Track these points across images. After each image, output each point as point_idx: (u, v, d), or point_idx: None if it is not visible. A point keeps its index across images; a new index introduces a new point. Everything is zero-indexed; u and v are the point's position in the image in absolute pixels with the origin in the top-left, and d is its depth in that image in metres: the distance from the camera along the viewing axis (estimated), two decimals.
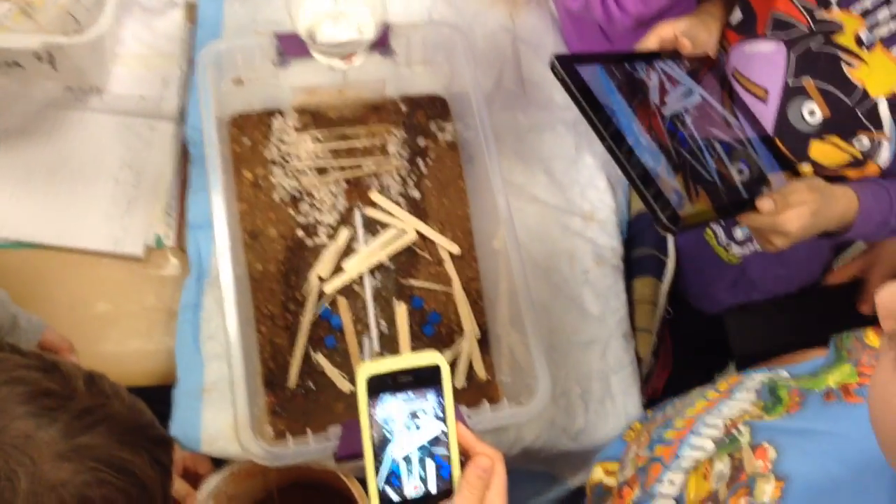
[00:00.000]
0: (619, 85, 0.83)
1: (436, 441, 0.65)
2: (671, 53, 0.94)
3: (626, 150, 0.77)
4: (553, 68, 0.80)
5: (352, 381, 1.04)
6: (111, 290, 1.11)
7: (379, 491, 0.64)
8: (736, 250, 1.09)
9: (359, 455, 0.87)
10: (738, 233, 1.08)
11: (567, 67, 0.80)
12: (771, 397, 0.78)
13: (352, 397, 1.04)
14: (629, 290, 1.16)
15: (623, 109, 0.81)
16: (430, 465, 0.65)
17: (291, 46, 1.03)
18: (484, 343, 1.08)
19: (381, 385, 0.64)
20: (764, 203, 0.83)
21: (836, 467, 0.63)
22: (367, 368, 0.63)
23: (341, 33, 0.97)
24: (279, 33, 1.03)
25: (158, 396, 0.76)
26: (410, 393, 0.64)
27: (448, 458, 0.65)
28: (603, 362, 1.09)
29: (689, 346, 1.31)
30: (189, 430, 0.99)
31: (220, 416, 1.00)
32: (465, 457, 0.67)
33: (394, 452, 0.64)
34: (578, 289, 1.13)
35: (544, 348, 0.95)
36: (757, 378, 0.82)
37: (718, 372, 1.66)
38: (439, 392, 0.65)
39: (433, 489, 0.65)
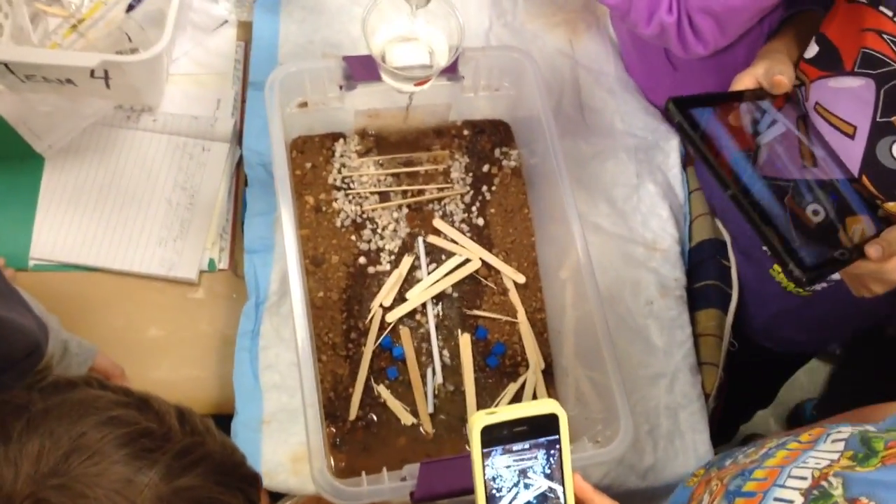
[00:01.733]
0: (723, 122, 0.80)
1: (543, 498, 0.62)
2: (755, 93, 0.92)
3: (752, 198, 0.74)
4: (668, 111, 0.76)
5: (413, 413, 1.01)
6: (163, 314, 1.07)
7: None
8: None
9: (437, 497, 0.85)
10: None
11: (683, 111, 0.75)
12: (863, 448, 0.75)
13: (414, 430, 1.01)
14: (692, 321, 1.13)
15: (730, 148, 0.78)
16: None
17: (360, 70, 1.00)
18: (548, 375, 1.05)
19: (493, 437, 0.60)
20: (873, 250, 0.81)
21: None
22: (481, 419, 0.60)
23: (413, 57, 0.95)
24: (348, 57, 1.01)
25: None
26: (520, 451, 0.61)
27: None
28: (670, 397, 1.06)
29: (745, 380, 1.28)
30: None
31: (279, 448, 0.97)
32: None
33: None
34: (643, 320, 1.10)
35: (622, 385, 0.92)
36: (845, 430, 0.79)
37: (762, 408, 1.66)
38: (549, 447, 0.62)
39: None
